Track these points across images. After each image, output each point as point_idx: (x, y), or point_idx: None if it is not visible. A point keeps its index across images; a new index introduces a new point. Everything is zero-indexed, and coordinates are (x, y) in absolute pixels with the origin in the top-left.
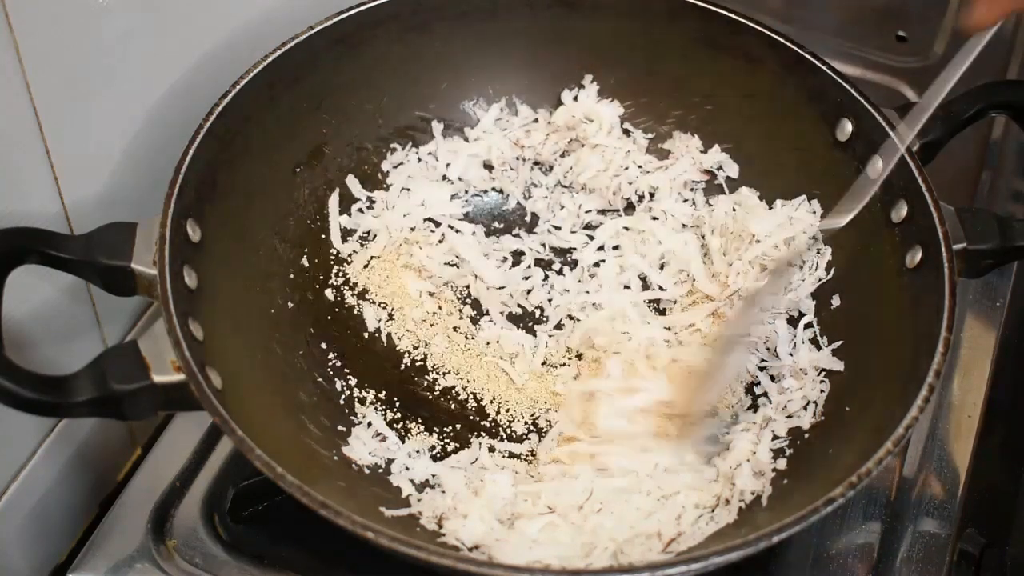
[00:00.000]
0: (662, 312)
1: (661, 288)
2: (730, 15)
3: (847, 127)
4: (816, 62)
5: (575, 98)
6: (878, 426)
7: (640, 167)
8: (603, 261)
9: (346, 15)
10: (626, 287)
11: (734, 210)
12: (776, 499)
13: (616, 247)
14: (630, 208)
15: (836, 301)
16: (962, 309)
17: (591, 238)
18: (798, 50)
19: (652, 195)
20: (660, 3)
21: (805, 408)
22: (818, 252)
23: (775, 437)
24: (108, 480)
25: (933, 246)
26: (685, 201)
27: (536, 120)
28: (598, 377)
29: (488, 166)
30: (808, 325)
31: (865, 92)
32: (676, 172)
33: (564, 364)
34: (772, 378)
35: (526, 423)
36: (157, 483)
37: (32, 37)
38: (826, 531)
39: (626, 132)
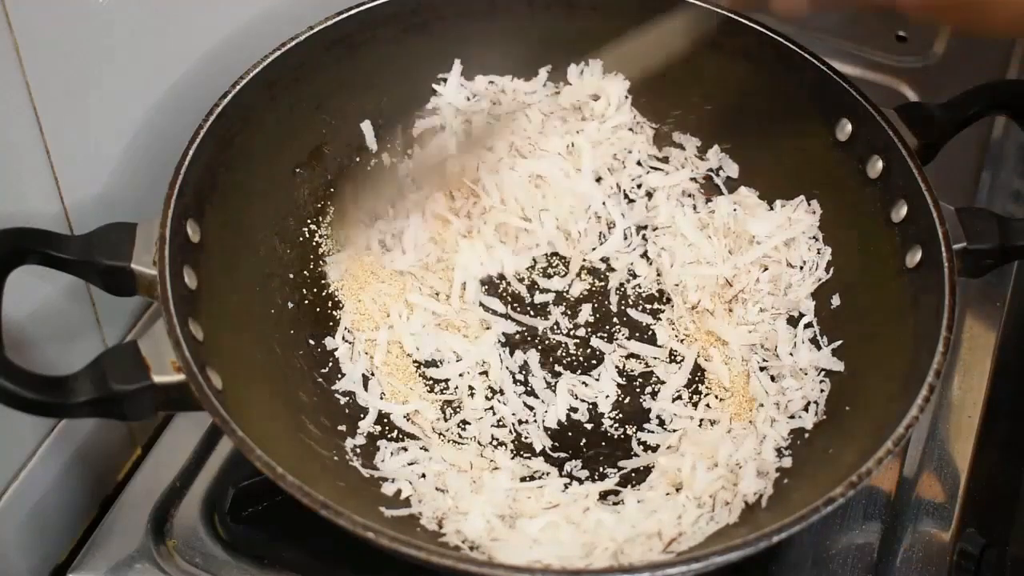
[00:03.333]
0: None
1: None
2: (730, 15)
3: (847, 127)
4: (816, 62)
5: (581, 73)
6: (878, 426)
7: (639, 164)
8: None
9: (346, 15)
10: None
11: (735, 210)
12: (776, 499)
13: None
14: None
15: (836, 301)
16: (962, 309)
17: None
18: (798, 50)
19: (650, 196)
20: (661, 3)
21: (806, 408)
22: (818, 252)
23: (777, 437)
24: (108, 480)
25: (933, 246)
26: (683, 207)
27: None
28: None
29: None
30: (808, 325)
31: (865, 92)
32: (674, 180)
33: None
34: (772, 378)
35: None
36: (157, 483)
37: (32, 37)
38: (826, 531)
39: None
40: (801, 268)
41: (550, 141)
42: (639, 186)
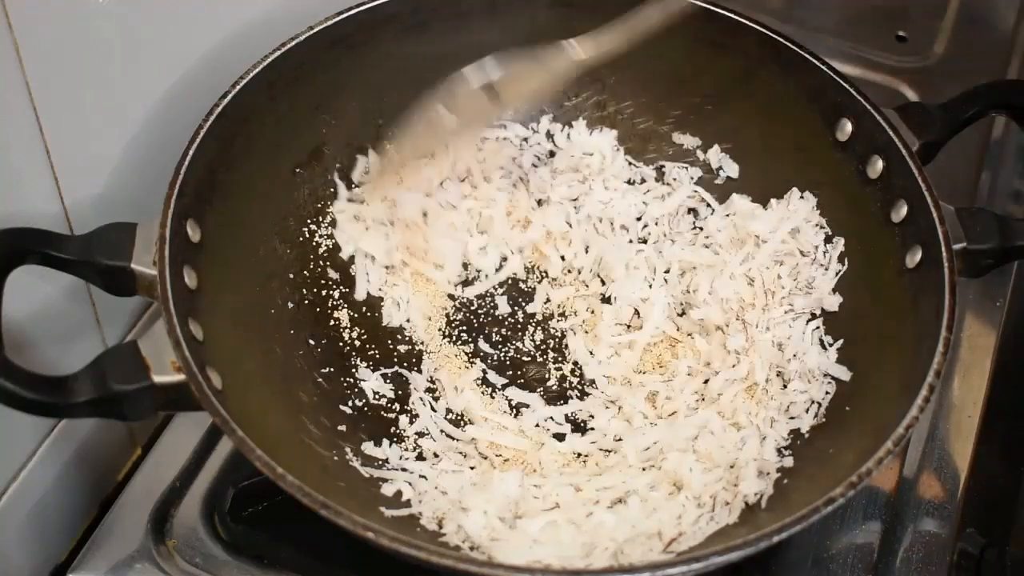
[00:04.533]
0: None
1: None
2: (730, 15)
3: (847, 127)
4: (816, 62)
5: (568, 136)
6: (878, 426)
7: (641, 197)
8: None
9: (346, 15)
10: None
11: (728, 216)
12: (776, 499)
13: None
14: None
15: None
16: (962, 309)
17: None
18: (798, 50)
19: (656, 223)
20: (660, 3)
21: (807, 410)
22: (826, 239)
23: (777, 437)
24: (108, 480)
25: (933, 246)
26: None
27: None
28: None
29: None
30: (815, 328)
31: (865, 92)
32: (675, 202)
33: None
34: (782, 378)
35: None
36: (157, 483)
37: (32, 37)
38: (826, 531)
39: (628, 163)
40: (813, 256)
41: (556, 191)
42: (644, 225)
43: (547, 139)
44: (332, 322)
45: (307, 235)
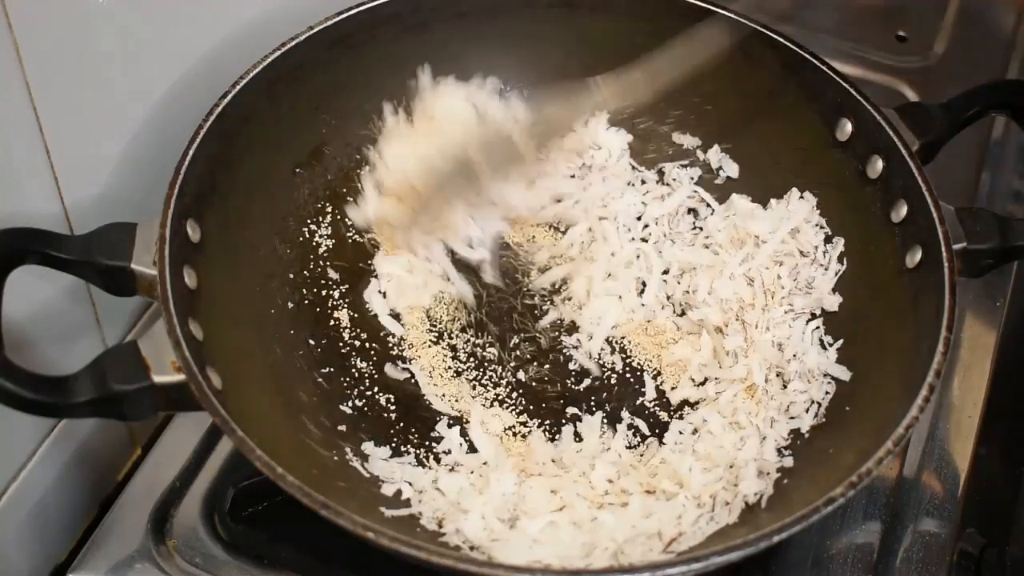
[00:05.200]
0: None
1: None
2: (730, 15)
3: (847, 127)
4: (816, 62)
5: (586, 123)
6: (878, 426)
7: (641, 197)
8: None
9: (346, 15)
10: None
11: (727, 217)
12: (776, 499)
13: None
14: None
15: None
16: (962, 309)
17: None
18: (798, 50)
19: (656, 223)
20: (660, 3)
21: (807, 410)
22: (826, 239)
23: (777, 437)
24: (108, 480)
25: (933, 246)
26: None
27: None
28: None
29: None
30: (816, 328)
31: (865, 92)
32: (675, 202)
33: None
34: (781, 378)
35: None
36: (157, 483)
37: (32, 37)
38: (826, 531)
39: (631, 167)
40: (813, 256)
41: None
42: (645, 225)
43: None
44: (332, 322)
45: (307, 235)
